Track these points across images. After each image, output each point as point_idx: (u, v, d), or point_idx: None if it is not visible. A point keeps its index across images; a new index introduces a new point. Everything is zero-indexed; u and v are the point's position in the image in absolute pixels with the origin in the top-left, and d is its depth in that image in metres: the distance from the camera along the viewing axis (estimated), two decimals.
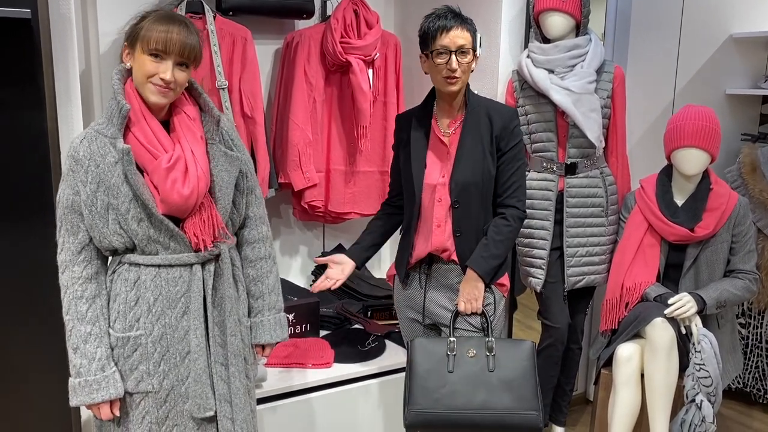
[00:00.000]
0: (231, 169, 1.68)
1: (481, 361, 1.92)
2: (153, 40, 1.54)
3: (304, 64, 2.72)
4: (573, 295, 2.62)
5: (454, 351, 1.94)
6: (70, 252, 1.60)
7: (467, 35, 1.95)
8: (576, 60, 2.45)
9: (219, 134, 1.69)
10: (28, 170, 1.95)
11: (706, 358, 2.27)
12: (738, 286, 2.41)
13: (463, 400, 1.89)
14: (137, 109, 1.58)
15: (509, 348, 1.96)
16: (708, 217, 2.39)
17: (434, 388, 1.91)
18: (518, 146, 2.03)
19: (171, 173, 1.55)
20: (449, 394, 1.90)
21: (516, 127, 2.03)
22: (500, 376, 1.91)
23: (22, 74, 1.90)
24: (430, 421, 1.90)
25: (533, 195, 2.56)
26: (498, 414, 1.88)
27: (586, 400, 3.24)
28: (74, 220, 1.58)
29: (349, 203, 2.90)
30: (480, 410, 1.88)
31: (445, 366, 1.93)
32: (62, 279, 1.62)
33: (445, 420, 1.89)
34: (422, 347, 1.96)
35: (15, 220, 1.96)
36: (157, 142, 1.58)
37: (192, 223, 1.61)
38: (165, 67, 1.55)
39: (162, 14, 1.59)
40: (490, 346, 1.94)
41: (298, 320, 2.58)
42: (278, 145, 2.80)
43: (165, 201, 1.57)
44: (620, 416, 2.36)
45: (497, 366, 1.92)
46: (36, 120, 1.93)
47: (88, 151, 1.55)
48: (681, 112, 2.42)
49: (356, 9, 2.73)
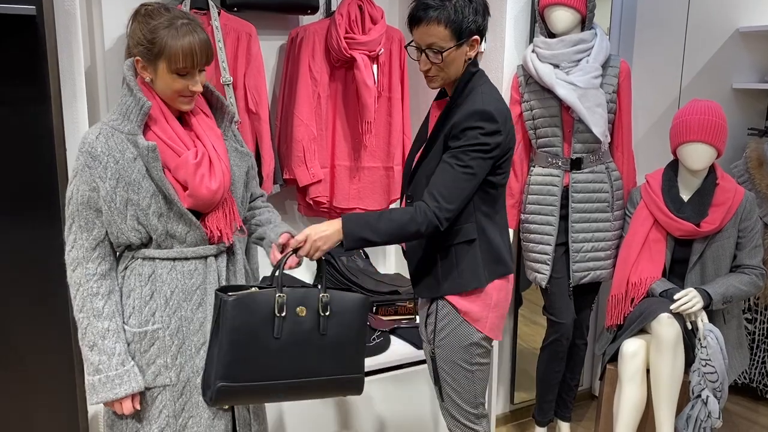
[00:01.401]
0: (242, 164, 1.73)
1: (311, 320, 1.59)
2: (180, 60, 1.52)
3: (308, 59, 2.71)
4: (578, 291, 2.62)
5: (284, 311, 1.57)
6: (84, 249, 1.58)
7: (440, 30, 1.69)
8: (581, 55, 2.44)
9: (231, 131, 1.72)
10: (33, 167, 1.96)
11: (712, 354, 2.26)
12: (744, 281, 2.40)
13: (290, 368, 1.58)
14: (156, 106, 1.59)
15: (342, 303, 1.64)
16: (714, 212, 2.39)
17: (255, 356, 1.55)
18: (462, 148, 1.71)
19: (199, 169, 1.57)
20: (274, 362, 1.56)
21: (469, 128, 1.70)
22: (332, 338, 1.62)
23: (27, 71, 1.90)
24: (246, 393, 1.56)
25: (538, 190, 2.56)
26: (325, 379, 1.62)
27: (592, 396, 3.24)
28: (89, 216, 1.57)
29: (354, 199, 2.90)
30: (307, 377, 1.60)
31: (269, 328, 1.55)
32: (73, 277, 1.60)
33: (263, 390, 1.57)
34: (242, 305, 1.54)
35: (21, 217, 1.96)
36: (178, 139, 1.60)
37: (215, 217, 1.64)
38: (194, 82, 1.56)
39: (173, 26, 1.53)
40: (326, 303, 1.61)
41: None
42: (283, 141, 2.80)
43: (194, 195, 1.58)
44: (626, 412, 2.36)
45: (329, 326, 1.62)
46: (41, 117, 1.94)
47: (106, 147, 1.55)
48: (687, 107, 2.41)
49: (361, 4, 2.73)
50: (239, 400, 1.60)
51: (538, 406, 2.79)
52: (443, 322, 1.85)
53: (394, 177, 2.91)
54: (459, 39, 1.72)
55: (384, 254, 3.28)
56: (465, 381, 1.88)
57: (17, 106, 1.91)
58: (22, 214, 1.96)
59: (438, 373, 1.90)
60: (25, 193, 1.96)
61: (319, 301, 1.61)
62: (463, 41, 1.73)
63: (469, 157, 1.71)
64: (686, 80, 3.06)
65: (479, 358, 1.88)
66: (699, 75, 3.08)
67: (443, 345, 1.87)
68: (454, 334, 1.85)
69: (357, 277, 2.92)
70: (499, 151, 1.75)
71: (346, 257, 2.99)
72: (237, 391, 1.54)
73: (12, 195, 1.95)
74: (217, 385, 1.52)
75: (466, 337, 1.84)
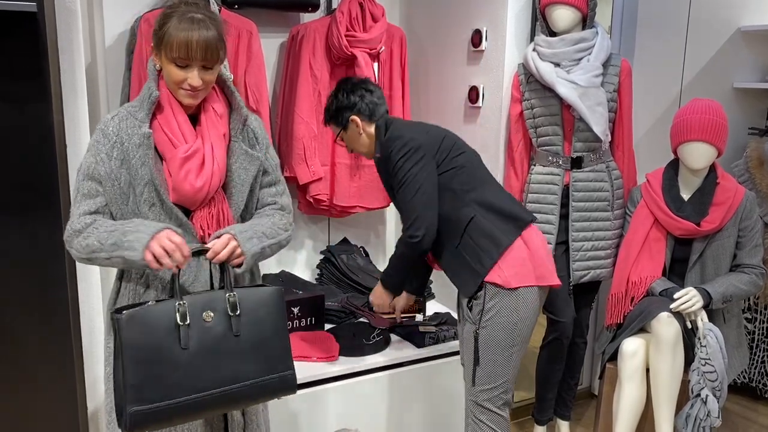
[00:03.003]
0: (250, 167, 1.69)
1: (222, 323, 1.51)
2: (174, 49, 1.53)
3: (309, 57, 2.71)
4: (578, 290, 2.61)
5: (187, 319, 1.47)
6: (81, 211, 1.55)
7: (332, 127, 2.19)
8: (582, 53, 2.43)
9: (244, 132, 1.70)
10: (34, 163, 1.95)
11: (711, 353, 2.26)
12: (744, 280, 2.40)
13: (207, 380, 1.48)
14: (166, 97, 1.60)
15: (253, 299, 1.57)
16: (714, 212, 2.38)
17: (165, 373, 1.44)
18: (392, 174, 2.03)
19: (187, 163, 1.57)
20: (187, 376, 1.46)
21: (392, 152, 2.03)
22: (248, 338, 1.53)
23: (27, 67, 1.90)
24: (164, 416, 1.45)
25: (539, 189, 2.55)
26: (251, 383, 1.54)
27: (591, 395, 3.24)
28: (92, 186, 1.57)
29: (355, 197, 2.90)
30: (229, 385, 1.51)
31: (175, 341, 1.45)
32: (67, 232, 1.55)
33: (183, 409, 1.46)
34: (138, 321, 1.44)
35: (22, 213, 1.96)
36: (180, 132, 1.60)
37: (201, 215, 1.63)
38: (192, 75, 1.55)
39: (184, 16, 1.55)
40: (234, 302, 1.53)
41: (303, 313, 2.58)
42: (283, 139, 2.80)
43: (176, 190, 1.58)
44: (625, 411, 2.36)
45: (243, 326, 1.53)
46: (42, 113, 1.93)
47: (117, 128, 1.58)
48: (688, 106, 2.41)
49: (362, 2, 2.73)
50: (162, 422, 1.47)
51: (537, 404, 2.79)
52: (491, 303, 1.95)
53: None
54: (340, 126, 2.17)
55: (384, 253, 3.28)
56: (502, 362, 1.98)
57: (18, 103, 1.91)
58: (22, 211, 1.96)
59: (478, 353, 1.98)
60: (26, 190, 1.96)
61: (227, 302, 1.52)
62: (345, 125, 2.15)
63: (403, 170, 2.00)
64: (687, 79, 3.06)
65: (519, 338, 1.99)
66: (700, 74, 3.08)
67: (489, 324, 1.96)
68: (501, 312, 1.95)
69: (357, 276, 2.92)
70: (423, 149, 2.01)
71: (346, 255, 2.99)
72: (155, 414, 1.43)
73: (12, 191, 1.95)
74: (130, 411, 1.41)
75: (513, 314, 1.95)
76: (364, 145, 2.16)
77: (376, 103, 2.13)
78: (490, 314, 1.96)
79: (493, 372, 1.99)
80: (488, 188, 2.05)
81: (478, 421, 2.04)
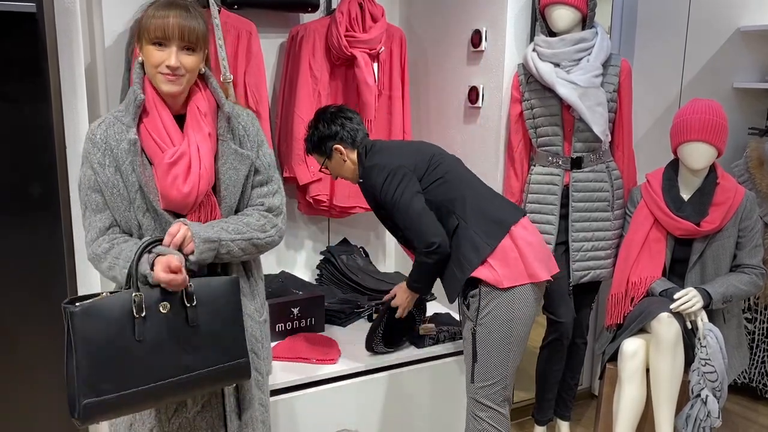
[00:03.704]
0: (240, 167, 1.66)
1: (177, 314, 1.51)
2: (152, 29, 1.53)
3: (309, 57, 2.71)
4: (578, 290, 2.61)
5: (143, 311, 1.46)
6: (96, 229, 1.58)
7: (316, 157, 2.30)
8: (582, 53, 2.43)
9: (231, 131, 1.67)
10: (33, 163, 1.95)
11: (711, 353, 2.26)
12: (744, 281, 2.40)
13: (162, 370, 1.48)
14: (151, 99, 1.58)
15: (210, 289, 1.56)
16: (714, 212, 2.38)
17: (119, 364, 1.44)
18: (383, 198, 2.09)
19: (173, 169, 1.55)
20: (142, 368, 1.46)
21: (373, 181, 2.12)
22: (205, 328, 1.53)
23: (27, 68, 1.90)
24: (118, 406, 1.45)
25: (539, 189, 2.55)
26: (205, 373, 1.54)
27: (591, 395, 3.24)
28: (97, 198, 1.58)
29: (354, 197, 2.89)
30: (183, 375, 1.51)
31: (129, 332, 1.45)
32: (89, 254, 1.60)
33: (138, 399, 1.47)
34: (91, 313, 1.43)
35: (21, 213, 1.96)
36: (166, 135, 1.58)
37: (192, 218, 1.60)
38: (168, 54, 1.54)
39: (162, 2, 1.57)
40: (190, 293, 1.52)
41: (303, 314, 2.58)
42: (283, 139, 2.80)
43: (164, 197, 1.57)
44: (625, 411, 2.36)
45: (199, 316, 1.53)
46: (41, 113, 1.94)
47: (104, 135, 1.57)
48: (688, 106, 2.41)
49: (361, 2, 2.72)
50: (116, 412, 1.47)
51: (537, 405, 2.79)
52: (486, 299, 2.01)
53: None
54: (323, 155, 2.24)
55: (384, 253, 3.28)
56: (500, 359, 2.03)
57: (17, 103, 1.91)
58: (21, 211, 1.96)
59: (476, 350, 2.03)
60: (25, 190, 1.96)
61: (183, 292, 1.51)
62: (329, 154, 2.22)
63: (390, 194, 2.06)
64: (687, 79, 3.06)
65: (515, 336, 2.03)
66: (700, 74, 3.08)
67: (485, 322, 2.01)
68: (497, 309, 2.00)
69: (357, 276, 2.92)
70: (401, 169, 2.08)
71: (346, 256, 2.99)
72: (108, 404, 1.43)
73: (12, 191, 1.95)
74: (83, 403, 1.41)
75: (508, 311, 2.00)
76: (349, 170, 2.23)
77: (357, 129, 2.22)
78: (485, 312, 2.01)
79: (491, 369, 2.03)
80: (471, 195, 2.10)
81: (477, 418, 2.07)
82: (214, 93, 1.67)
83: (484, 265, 2.01)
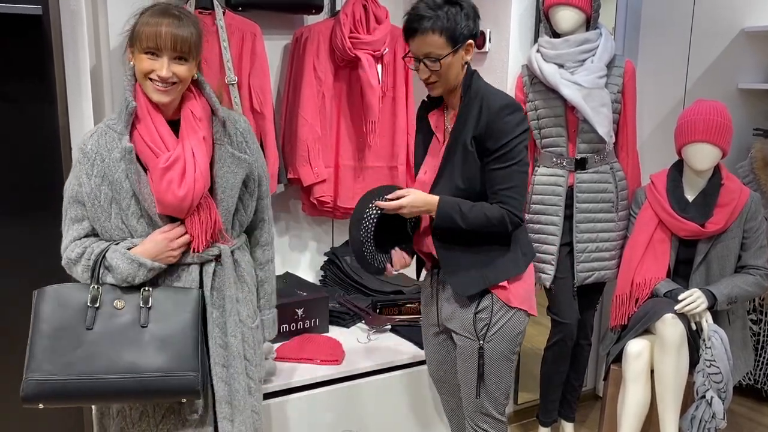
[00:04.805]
0: (237, 171, 1.67)
1: (131, 313, 1.56)
2: (145, 38, 1.54)
3: (313, 59, 2.72)
4: (583, 291, 2.61)
5: (98, 302, 1.55)
6: (71, 237, 1.63)
7: (435, 39, 1.73)
8: (586, 54, 2.43)
9: (227, 136, 1.67)
10: (39, 165, 1.97)
11: (716, 354, 2.26)
12: (749, 281, 2.39)
13: (105, 363, 1.52)
14: (143, 106, 1.58)
15: (170, 298, 1.61)
16: (719, 213, 2.38)
17: (65, 349, 1.51)
18: (509, 144, 1.77)
19: (167, 173, 1.55)
20: (86, 356, 1.51)
21: (507, 123, 1.77)
22: (155, 332, 1.55)
23: (33, 70, 1.92)
24: (57, 390, 1.50)
25: (543, 190, 2.55)
26: (148, 377, 1.54)
27: (596, 396, 3.23)
28: (77, 209, 1.61)
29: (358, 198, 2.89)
30: (126, 374, 1.52)
31: (82, 321, 1.53)
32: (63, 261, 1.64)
33: (78, 388, 1.50)
34: (54, 296, 1.54)
35: (26, 214, 1.97)
36: (161, 140, 1.57)
37: (191, 223, 1.61)
38: (161, 64, 1.54)
39: (155, 10, 1.57)
40: (147, 296, 1.58)
41: (307, 315, 2.59)
42: (287, 141, 2.80)
43: (160, 201, 1.57)
44: (630, 412, 2.36)
45: (152, 320, 1.56)
46: (47, 115, 1.95)
47: (96, 145, 1.58)
48: (692, 107, 2.41)
49: (365, 4, 2.73)
50: (57, 399, 1.51)
51: (542, 406, 2.79)
52: (497, 316, 1.90)
53: (398, 176, 2.91)
54: (454, 45, 1.77)
55: None
56: (506, 372, 1.96)
57: (23, 105, 1.92)
58: (27, 211, 1.97)
59: (482, 368, 1.93)
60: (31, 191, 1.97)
61: (140, 293, 1.57)
62: (459, 47, 1.78)
63: (517, 150, 1.79)
64: (691, 80, 3.05)
65: (518, 347, 1.98)
66: (704, 75, 3.07)
67: (494, 338, 1.91)
68: (506, 326, 1.91)
69: (361, 277, 2.92)
70: (528, 134, 1.84)
71: (350, 257, 2.99)
72: (50, 385, 1.48)
73: (18, 193, 1.96)
74: (26, 379, 1.48)
75: (517, 326, 1.92)
76: (457, 76, 1.83)
77: None
78: (496, 328, 1.91)
79: (499, 383, 1.97)
80: None
81: (480, 430, 2.02)
82: (209, 99, 1.67)
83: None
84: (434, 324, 2.09)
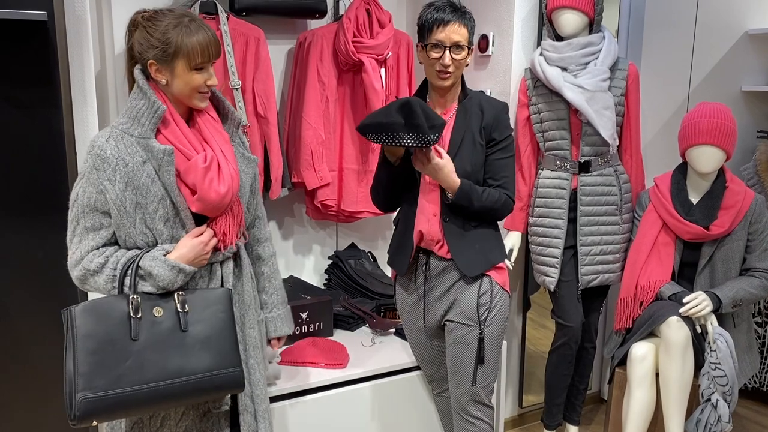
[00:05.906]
0: (248, 170, 1.74)
1: (170, 319, 1.58)
2: (197, 56, 1.55)
3: (316, 63, 2.72)
4: (587, 294, 2.61)
5: (139, 312, 1.55)
6: (87, 248, 1.58)
7: (464, 31, 1.93)
8: (589, 57, 2.44)
9: (238, 136, 1.73)
10: (44, 169, 1.97)
11: (721, 357, 2.25)
12: (754, 284, 2.39)
13: (155, 371, 1.54)
14: (168, 110, 1.60)
15: (202, 299, 1.64)
16: (723, 215, 2.38)
17: (114, 362, 1.50)
18: (509, 138, 2.03)
19: (209, 173, 1.58)
20: (136, 367, 1.52)
21: (508, 118, 2.04)
22: (195, 335, 1.59)
23: (38, 75, 1.92)
24: (111, 405, 1.49)
25: (547, 194, 2.55)
26: (197, 379, 1.58)
27: (601, 399, 3.23)
28: (95, 217, 1.58)
29: (362, 202, 2.90)
30: (176, 378, 1.56)
31: (127, 332, 1.53)
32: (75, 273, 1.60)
33: (132, 400, 1.51)
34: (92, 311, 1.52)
35: (32, 219, 1.98)
36: (188, 142, 1.60)
37: (222, 221, 1.65)
38: (209, 75, 1.59)
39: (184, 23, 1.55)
40: (183, 300, 1.61)
41: (311, 318, 2.59)
42: (291, 145, 2.81)
43: (202, 199, 1.58)
44: (635, 415, 2.35)
45: (191, 323, 1.60)
46: (52, 120, 1.95)
47: (115, 150, 1.55)
48: (696, 110, 2.40)
49: (368, 8, 2.74)
50: (110, 412, 1.50)
51: (546, 409, 2.78)
52: (496, 299, 2.03)
53: None
54: (470, 43, 1.97)
55: None
56: (497, 357, 2.08)
57: (28, 110, 1.93)
58: (32, 217, 1.98)
59: (482, 352, 2.02)
60: (36, 196, 1.97)
61: (176, 299, 1.58)
62: (472, 46, 1.99)
63: (513, 144, 2.05)
64: (695, 83, 3.05)
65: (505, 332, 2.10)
66: (708, 77, 3.07)
67: (493, 322, 2.03)
68: (501, 309, 2.05)
69: (365, 280, 2.92)
70: None
71: (354, 260, 3.00)
72: (103, 401, 1.47)
73: (23, 198, 1.96)
74: (79, 399, 1.46)
75: (507, 309, 2.08)
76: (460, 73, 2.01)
77: None
78: (495, 311, 2.03)
79: (493, 367, 2.06)
80: None
81: (473, 419, 2.05)
82: (221, 100, 1.71)
83: None
84: (421, 327, 2.16)
